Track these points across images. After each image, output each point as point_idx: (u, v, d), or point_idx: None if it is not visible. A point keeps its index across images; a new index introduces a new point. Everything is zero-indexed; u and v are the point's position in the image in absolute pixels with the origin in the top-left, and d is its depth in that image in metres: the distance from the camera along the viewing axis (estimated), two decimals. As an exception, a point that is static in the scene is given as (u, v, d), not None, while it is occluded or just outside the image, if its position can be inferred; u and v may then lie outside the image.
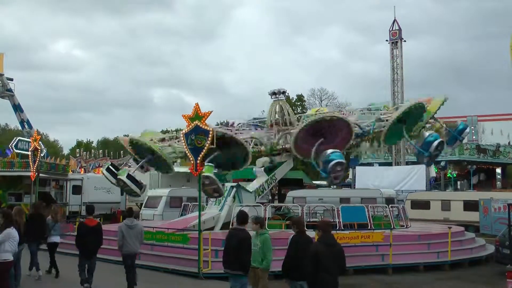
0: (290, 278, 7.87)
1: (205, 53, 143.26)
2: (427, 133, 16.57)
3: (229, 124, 20.21)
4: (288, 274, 7.89)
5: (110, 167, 18.65)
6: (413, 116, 16.68)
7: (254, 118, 20.75)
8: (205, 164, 17.46)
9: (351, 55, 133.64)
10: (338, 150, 15.25)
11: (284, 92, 18.61)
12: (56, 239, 13.12)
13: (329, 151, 15.03)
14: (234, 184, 18.51)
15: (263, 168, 19.31)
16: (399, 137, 17.83)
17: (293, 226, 8.54)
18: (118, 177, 17.57)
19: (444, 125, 17.76)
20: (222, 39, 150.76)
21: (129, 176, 17.42)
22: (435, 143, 15.99)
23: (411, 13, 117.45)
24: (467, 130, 17.56)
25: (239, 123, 20.06)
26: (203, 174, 16.93)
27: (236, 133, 18.17)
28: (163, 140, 19.01)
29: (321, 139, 16.07)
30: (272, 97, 18.65)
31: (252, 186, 18.86)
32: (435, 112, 17.52)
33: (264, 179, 19.11)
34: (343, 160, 15.02)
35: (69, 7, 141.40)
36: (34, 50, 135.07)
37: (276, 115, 18.56)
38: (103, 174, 18.86)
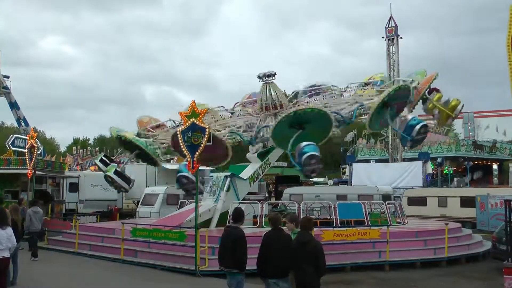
0: (263, 276, 7.69)
1: (194, 50, 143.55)
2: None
3: None
4: (261, 271, 7.69)
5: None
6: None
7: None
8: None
9: (340, 50, 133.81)
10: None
11: (271, 75, 17.72)
12: None
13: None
14: (228, 173, 18.28)
15: (256, 154, 19.09)
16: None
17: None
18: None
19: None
20: (210, 35, 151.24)
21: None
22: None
23: (402, 8, 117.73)
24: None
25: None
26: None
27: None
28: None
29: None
30: (261, 80, 17.85)
31: (246, 173, 18.59)
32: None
33: (258, 165, 18.89)
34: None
35: (55, 3, 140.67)
36: (22, 46, 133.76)
37: (266, 97, 17.92)
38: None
